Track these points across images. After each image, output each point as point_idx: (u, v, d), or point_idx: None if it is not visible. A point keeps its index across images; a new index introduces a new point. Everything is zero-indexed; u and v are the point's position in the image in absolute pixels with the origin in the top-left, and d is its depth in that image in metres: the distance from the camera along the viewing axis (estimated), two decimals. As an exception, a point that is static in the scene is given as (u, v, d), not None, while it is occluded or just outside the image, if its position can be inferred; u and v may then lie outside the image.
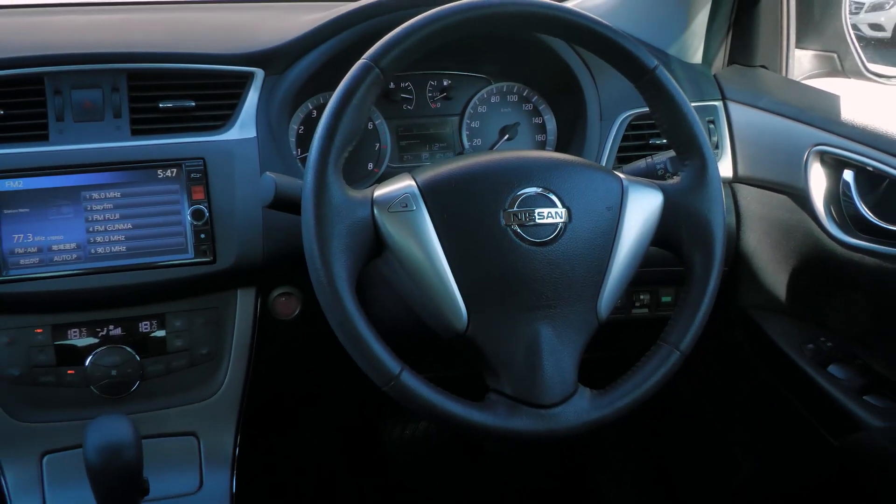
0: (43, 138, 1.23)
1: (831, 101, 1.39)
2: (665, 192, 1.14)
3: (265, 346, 1.33)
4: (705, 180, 1.14)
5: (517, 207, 1.06)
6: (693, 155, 1.15)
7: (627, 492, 2.01)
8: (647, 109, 1.18)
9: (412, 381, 1.02)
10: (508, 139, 1.49)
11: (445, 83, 1.50)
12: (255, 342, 1.32)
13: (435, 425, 1.91)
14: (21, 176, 1.19)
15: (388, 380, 1.02)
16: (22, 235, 1.18)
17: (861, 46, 1.60)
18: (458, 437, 1.94)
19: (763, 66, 1.56)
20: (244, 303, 1.30)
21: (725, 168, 1.46)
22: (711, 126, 1.47)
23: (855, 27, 1.60)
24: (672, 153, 1.22)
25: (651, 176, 1.22)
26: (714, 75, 1.54)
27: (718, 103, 1.49)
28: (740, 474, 1.72)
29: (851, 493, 1.42)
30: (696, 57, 1.55)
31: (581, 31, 1.13)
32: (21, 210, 1.18)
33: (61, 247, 1.20)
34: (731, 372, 1.58)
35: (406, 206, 1.05)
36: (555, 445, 1.06)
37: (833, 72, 1.61)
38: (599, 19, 1.13)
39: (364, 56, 1.05)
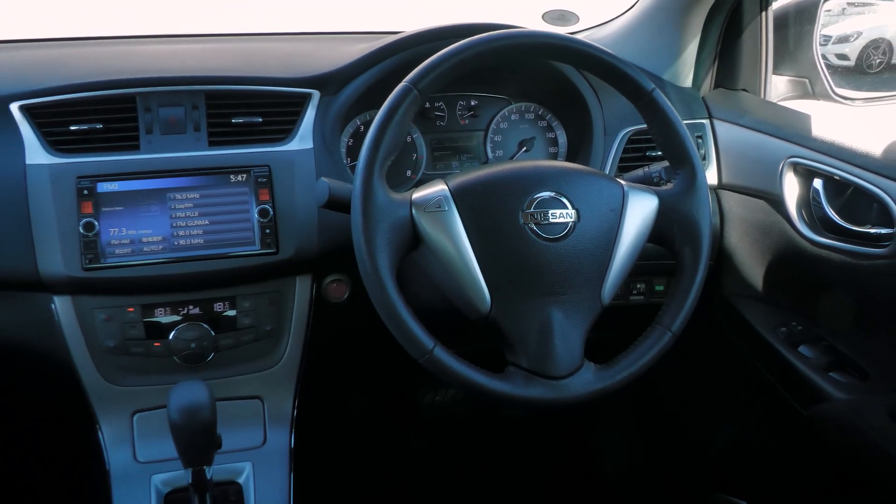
0: (135, 148, 1.23)
1: (803, 119, 1.37)
2: (660, 196, 1.13)
3: (319, 324, 1.33)
4: (694, 186, 1.13)
5: (533, 209, 1.06)
6: (684, 165, 1.14)
7: (624, 451, 2.00)
8: (645, 126, 1.17)
9: (443, 355, 1.02)
10: (526, 151, 1.48)
11: (472, 103, 1.49)
12: (311, 321, 1.32)
13: (462, 392, 1.91)
14: (117, 179, 1.20)
15: (423, 353, 1.02)
16: (117, 229, 1.19)
17: (829, 73, 1.58)
18: (481, 402, 1.93)
19: (744, 90, 1.54)
20: (301, 287, 1.30)
21: (711, 176, 1.44)
22: (700, 140, 1.45)
23: (824, 57, 1.58)
24: (666, 163, 1.21)
25: (648, 182, 1.21)
26: (702, 97, 1.52)
27: (706, 121, 1.47)
28: (721, 437, 1.71)
29: (817, 455, 1.40)
30: (687, 81, 1.54)
31: (590, 59, 1.12)
32: (117, 208, 1.19)
33: (150, 239, 1.20)
34: (714, 351, 1.56)
35: (439, 206, 1.05)
36: (563, 411, 1.06)
37: (805, 95, 1.59)
38: (605, 49, 1.12)
39: (405, 79, 1.05)
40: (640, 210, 1.11)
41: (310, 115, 1.30)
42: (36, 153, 1.19)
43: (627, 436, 1.99)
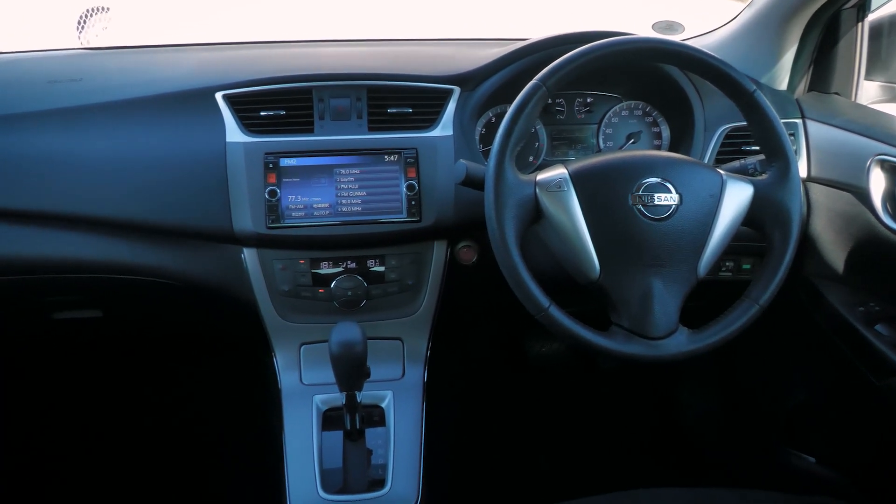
0: (310, 131, 1.26)
1: (892, 121, 1.27)
2: (755, 185, 1.07)
3: (451, 281, 1.33)
4: (788, 178, 1.06)
5: (641, 192, 1.03)
6: (779, 158, 1.07)
7: (705, 406, 1.93)
8: (742, 123, 1.12)
9: (557, 314, 1.01)
10: (633, 143, 1.43)
11: (588, 100, 1.45)
12: (445, 278, 1.32)
13: (567, 345, 1.89)
14: (295, 156, 1.23)
15: (540, 311, 1.01)
16: (294, 196, 1.22)
17: (918, 80, 1.45)
18: (583, 354, 1.91)
19: (836, 94, 1.43)
20: (438, 250, 1.30)
21: (801, 170, 1.35)
22: (792, 137, 1.35)
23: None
24: (760, 157, 1.14)
25: (743, 173, 1.15)
26: (796, 99, 1.42)
27: (799, 121, 1.37)
28: (794, 399, 1.62)
29: (889, 423, 1.31)
30: (783, 85, 1.43)
31: (699, 62, 1.07)
32: (294, 179, 1.22)
33: (319, 205, 1.23)
34: (793, 323, 1.47)
35: (560, 187, 1.03)
36: (657, 367, 1.04)
37: (894, 99, 1.46)
38: (712, 54, 1.07)
39: (536, 78, 1.03)
40: (737, 197, 1.06)
41: (451, 107, 1.29)
42: (234, 133, 1.23)
43: (709, 392, 1.91)
